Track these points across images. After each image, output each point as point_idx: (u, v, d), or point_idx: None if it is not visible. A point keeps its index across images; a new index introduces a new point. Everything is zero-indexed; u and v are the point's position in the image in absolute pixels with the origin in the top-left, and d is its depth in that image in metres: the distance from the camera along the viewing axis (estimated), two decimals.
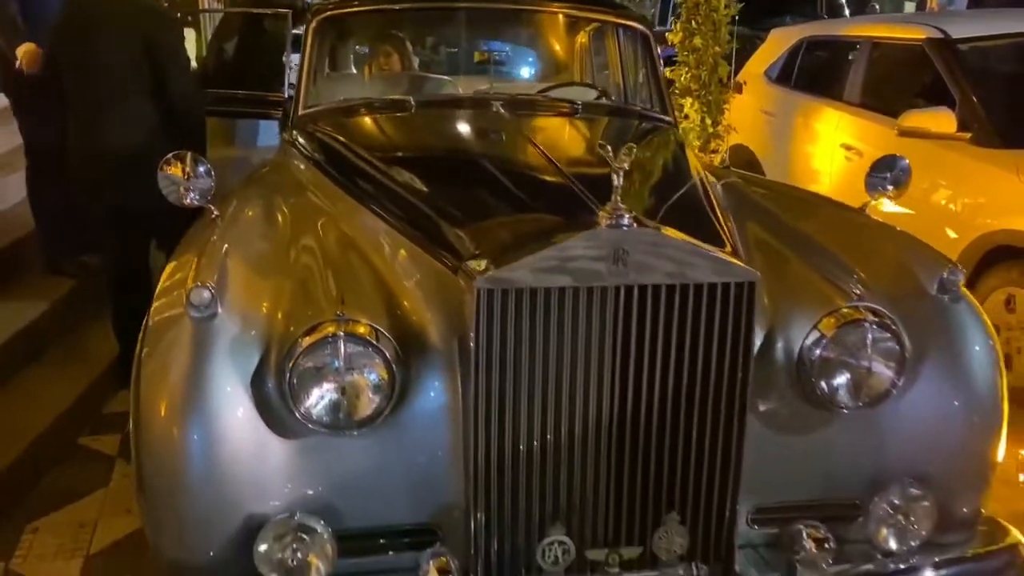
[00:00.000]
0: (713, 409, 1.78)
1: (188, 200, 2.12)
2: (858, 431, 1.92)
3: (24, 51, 4.05)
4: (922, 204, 4.61)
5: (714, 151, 5.82)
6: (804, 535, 1.72)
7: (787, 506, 1.90)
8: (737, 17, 5.84)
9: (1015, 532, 2.04)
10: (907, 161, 2.43)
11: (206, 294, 1.73)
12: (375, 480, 1.78)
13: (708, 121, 5.75)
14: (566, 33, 3.85)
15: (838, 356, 1.85)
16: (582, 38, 3.82)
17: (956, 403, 1.94)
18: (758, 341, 1.91)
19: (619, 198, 1.69)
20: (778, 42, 6.54)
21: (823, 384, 1.85)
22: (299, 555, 1.68)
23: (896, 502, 1.85)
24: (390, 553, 1.83)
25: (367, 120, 3.01)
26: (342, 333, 1.69)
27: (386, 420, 1.75)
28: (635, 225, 1.68)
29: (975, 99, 4.47)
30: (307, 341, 1.69)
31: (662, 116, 3.33)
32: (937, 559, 1.92)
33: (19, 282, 4.21)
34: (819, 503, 1.93)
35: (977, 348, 1.97)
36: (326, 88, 3.43)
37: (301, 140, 2.95)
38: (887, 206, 4.61)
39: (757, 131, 6.38)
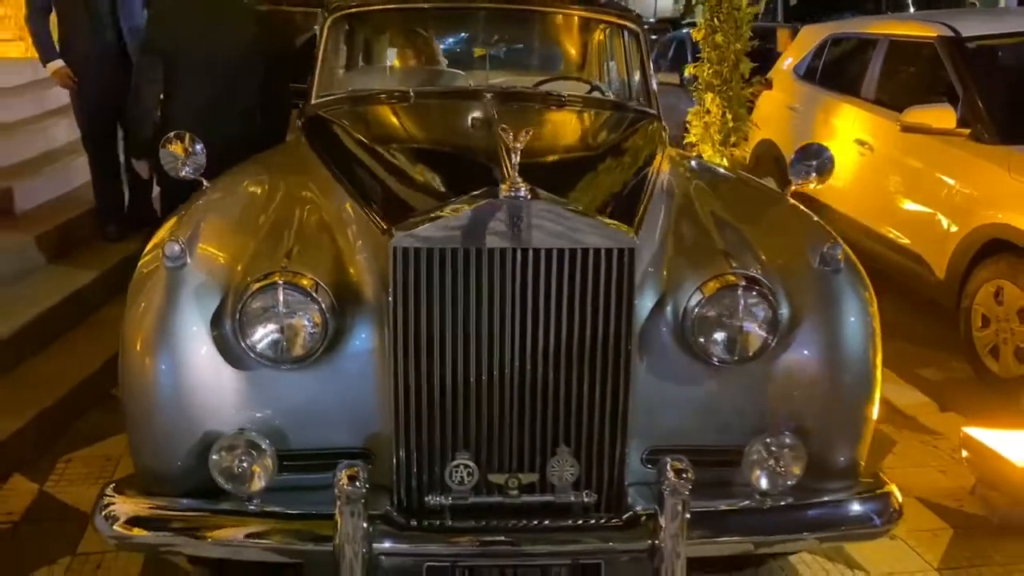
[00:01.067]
0: (602, 357, 2.06)
1: (183, 173, 2.49)
2: (741, 386, 2.18)
3: (55, 71, 4.77)
4: (926, 196, 4.76)
5: (734, 145, 5.99)
6: (668, 467, 1.98)
7: (678, 449, 2.13)
8: (758, 14, 5.98)
9: (892, 486, 2.26)
10: (831, 152, 2.64)
11: (176, 247, 2.10)
12: (314, 408, 2.12)
13: (729, 116, 5.93)
14: (569, 31, 4.13)
15: (715, 315, 2.11)
16: (585, 36, 4.10)
17: (830, 365, 2.18)
18: (650, 303, 2.20)
19: (516, 173, 1.99)
20: (807, 39, 6.68)
21: (702, 340, 2.11)
22: (244, 465, 2.03)
23: (771, 448, 2.10)
24: (329, 472, 2.14)
25: (368, 109, 3.34)
26: (281, 282, 2.03)
27: (321, 358, 2.09)
28: (530, 197, 1.98)
29: (976, 96, 4.58)
30: (256, 287, 2.04)
31: (646, 109, 3.59)
32: (811, 500, 2.17)
33: (76, 252, 4.72)
34: (707, 448, 2.19)
35: (852, 317, 2.20)
36: (347, 80, 3.77)
37: (308, 125, 3.31)
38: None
39: (782, 127, 6.53)
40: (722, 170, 3.08)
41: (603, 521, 2.08)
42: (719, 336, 2.11)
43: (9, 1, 12.29)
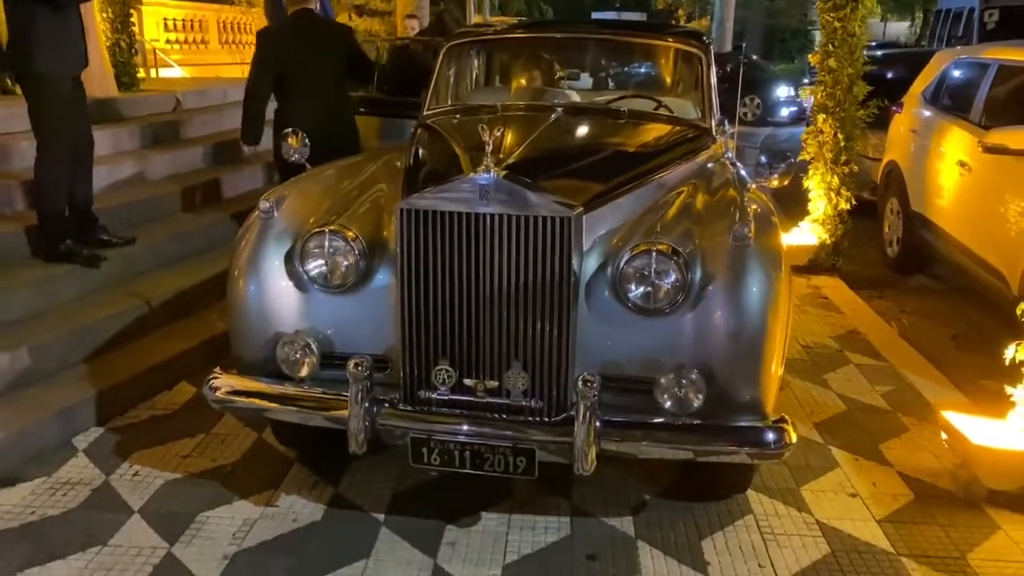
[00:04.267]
0: (548, 298, 2.75)
1: (293, 159, 3.47)
2: (661, 332, 2.79)
3: None
4: (1007, 214, 4.96)
5: (846, 163, 6.31)
6: (579, 380, 2.66)
7: (609, 376, 2.80)
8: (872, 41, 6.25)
9: (791, 424, 2.79)
10: (795, 160, 3.18)
11: (267, 204, 3.05)
12: (348, 323, 2.98)
13: (841, 136, 6.26)
14: (644, 56, 4.81)
15: (634, 272, 2.75)
16: (657, 59, 4.76)
17: (730, 320, 2.75)
18: (596, 263, 2.87)
19: (489, 159, 2.74)
20: (937, 64, 6.85)
21: (625, 290, 2.76)
22: (297, 356, 2.92)
23: (678, 380, 2.71)
24: None
25: (458, 118, 4.20)
26: (327, 231, 2.91)
27: (355, 287, 2.95)
28: (497, 176, 2.73)
29: None
30: (312, 231, 2.93)
31: (699, 123, 4.20)
32: (714, 422, 2.75)
33: None
34: (633, 377, 2.82)
35: (754, 286, 2.76)
36: (456, 96, 4.65)
37: (415, 131, 4.21)
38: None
39: (905, 149, 6.76)
40: (724, 176, 3.58)
41: (537, 419, 2.79)
42: (638, 288, 2.76)
43: (251, 28, 14.48)
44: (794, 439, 2.78)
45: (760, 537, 3.08)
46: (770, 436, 2.75)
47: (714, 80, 4.36)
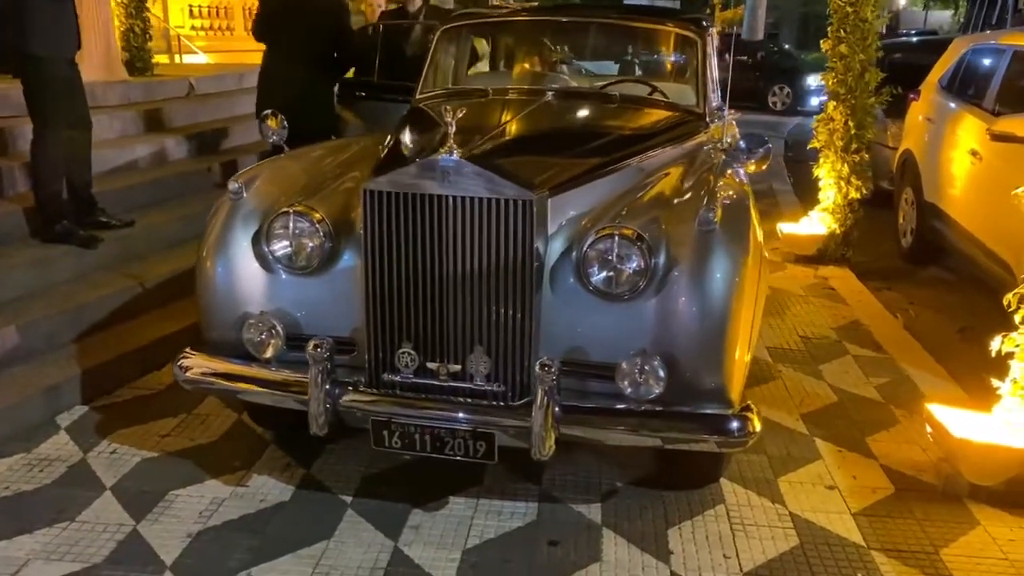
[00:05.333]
0: (510, 281, 2.73)
1: (272, 140, 3.46)
2: (624, 317, 2.75)
3: None
4: (1014, 203, 4.82)
5: (856, 151, 6.18)
6: (537, 364, 2.62)
7: (572, 361, 2.77)
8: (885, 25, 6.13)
9: (755, 412, 2.74)
10: (771, 145, 3.13)
11: (236, 185, 3.05)
12: (315, 305, 2.97)
13: (851, 124, 6.14)
14: (642, 40, 4.74)
15: (597, 255, 2.71)
16: (652, 44, 4.69)
17: (693, 306, 2.70)
18: (562, 247, 2.84)
19: (452, 142, 2.72)
20: (954, 51, 6.69)
21: (587, 273, 2.72)
22: (262, 337, 2.92)
23: (640, 366, 2.66)
24: None
25: (452, 102, 4.17)
26: (292, 212, 2.90)
27: (320, 269, 2.94)
28: (458, 157, 2.70)
29: None
30: (278, 213, 2.93)
31: (692, 108, 4.13)
32: (676, 409, 2.71)
33: None
34: (596, 363, 2.78)
35: (718, 272, 2.70)
36: (450, 79, 4.63)
37: (406, 114, 4.19)
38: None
39: (920, 137, 6.62)
40: (710, 163, 3.51)
41: (497, 403, 2.77)
42: (600, 273, 2.72)
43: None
44: (758, 428, 2.72)
45: (729, 527, 3.03)
46: (733, 424, 2.70)
47: (712, 66, 4.30)
